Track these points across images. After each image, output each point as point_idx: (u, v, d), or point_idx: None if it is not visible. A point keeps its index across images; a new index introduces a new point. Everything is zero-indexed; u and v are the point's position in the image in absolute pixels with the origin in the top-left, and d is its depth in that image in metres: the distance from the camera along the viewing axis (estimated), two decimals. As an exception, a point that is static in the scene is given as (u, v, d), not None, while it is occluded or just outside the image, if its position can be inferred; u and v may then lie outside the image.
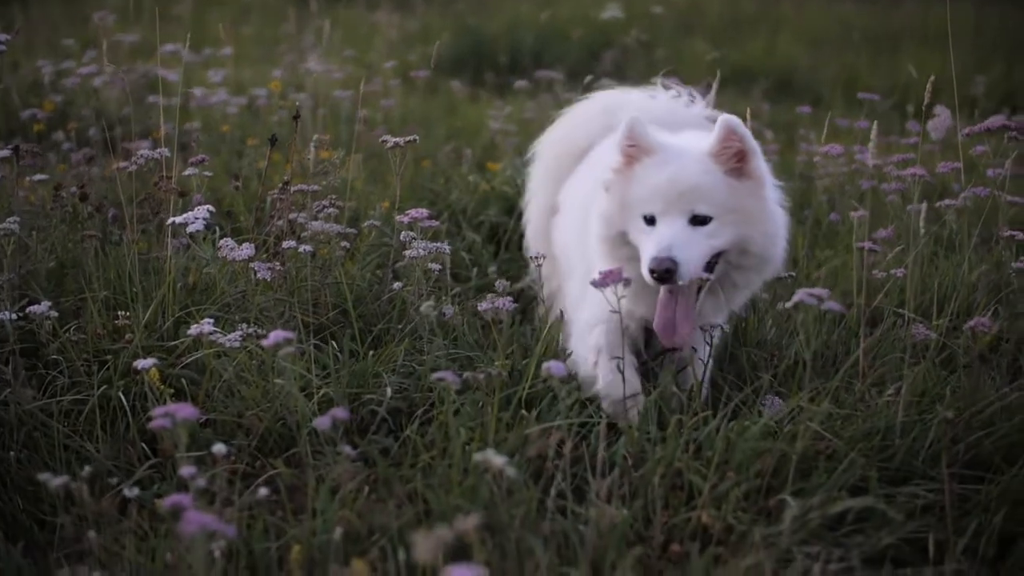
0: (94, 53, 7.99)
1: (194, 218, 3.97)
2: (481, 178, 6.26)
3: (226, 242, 4.06)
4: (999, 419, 3.53)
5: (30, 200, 5.19)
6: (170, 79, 7.04)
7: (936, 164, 5.17)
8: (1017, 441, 3.45)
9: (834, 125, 7.23)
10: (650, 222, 3.55)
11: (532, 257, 4.49)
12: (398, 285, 4.25)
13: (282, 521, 3.05)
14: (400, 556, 2.76)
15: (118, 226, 4.73)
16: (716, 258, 3.58)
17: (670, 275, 3.42)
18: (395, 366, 3.87)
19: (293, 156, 5.00)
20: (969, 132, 3.95)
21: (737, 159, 3.55)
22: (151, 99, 7.16)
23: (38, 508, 3.28)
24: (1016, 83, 10.44)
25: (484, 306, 3.82)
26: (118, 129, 6.12)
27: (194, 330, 3.63)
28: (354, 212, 5.41)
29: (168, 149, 4.50)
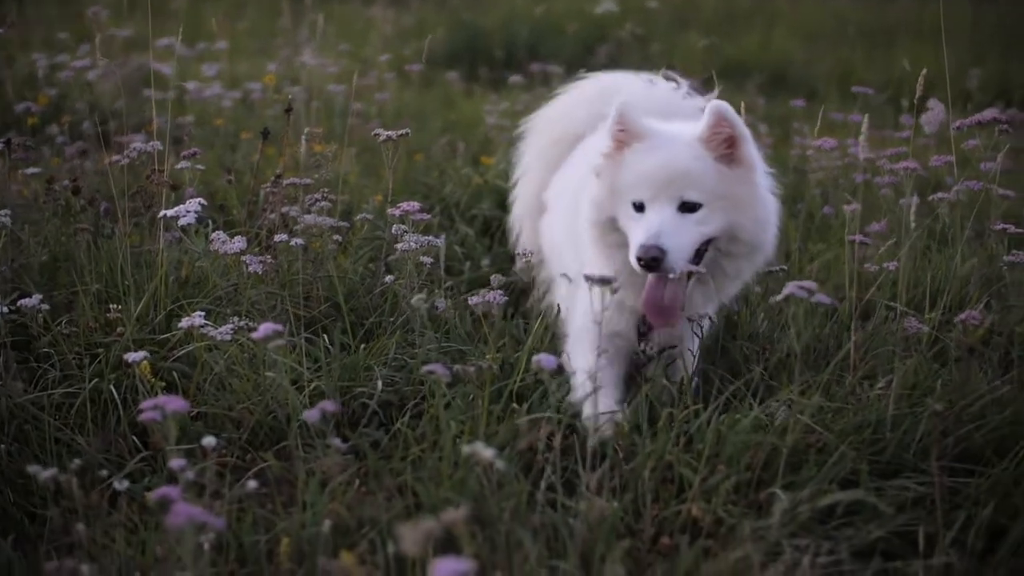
0: (88, 47, 7.98)
1: (186, 211, 3.97)
2: (475, 172, 6.26)
3: (218, 235, 4.06)
4: (990, 412, 3.54)
5: (23, 193, 5.18)
6: (164, 73, 7.04)
7: (930, 158, 5.16)
8: (1008, 434, 3.45)
9: (828, 119, 7.24)
10: (639, 208, 3.52)
11: (519, 253, 4.48)
12: (390, 278, 4.25)
13: (271, 514, 3.05)
14: (389, 549, 2.76)
15: (110, 219, 4.73)
16: (706, 246, 3.55)
17: (657, 263, 3.39)
18: (386, 359, 3.87)
19: (286, 150, 5.00)
20: (960, 125, 3.95)
21: (727, 145, 3.52)
22: (145, 93, 7.14)
23: (28, 501, 3.27)
24: (1011, 77, 10.44)
25: (475, 300, 3.81)
26: (112, 123, 6.10)
27: (185, 323, 3.63)
28: (347, 206, 5.41)
29: (160, 142, 4.50)
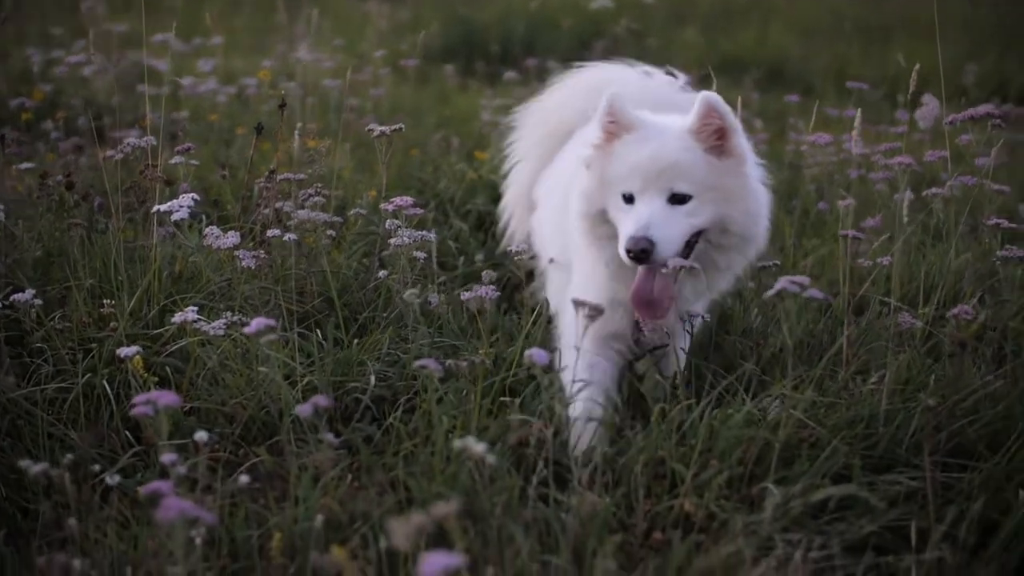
0: (84, 43, 7.98)
1: (179, 206, 3.96)
2: (469, 167, 6.25)
3: (211, 230, 4.05)
4: (983, 407, 3.54)
5: (17, 189, 5.18)
6: (159, 68, 7.04)
7: (924, 153, 5.16)
8: (1000, 429, 3.45)
9: (824, 114, 7.24)
10: (629, 200, 3.49)
11: (510, 249, 4.47)
12: (383, 273, 4.25)
13: (264, 509, 3.05)
14: (381, 543, 2.77)
15: (104, 215, 4.72)
16: (696, 238, 3.51)
17: (646, 255, 3.36)
18: (379, 354, 3.87)
19: (280, 145, 5.00)
20: (953, 120, 3.95)
21: (717, 136, 3.49)
22: (140, 88, 7.15)
23: (21, 496, 3.27)
24: (1007, 73, 10.45)
25: (467, 295, 3.80)
26: (107, 119, 6.10)
27: (178, 318, 3.63)
28: (341, 201, 5.41)
29: (154, 138, 4.49)
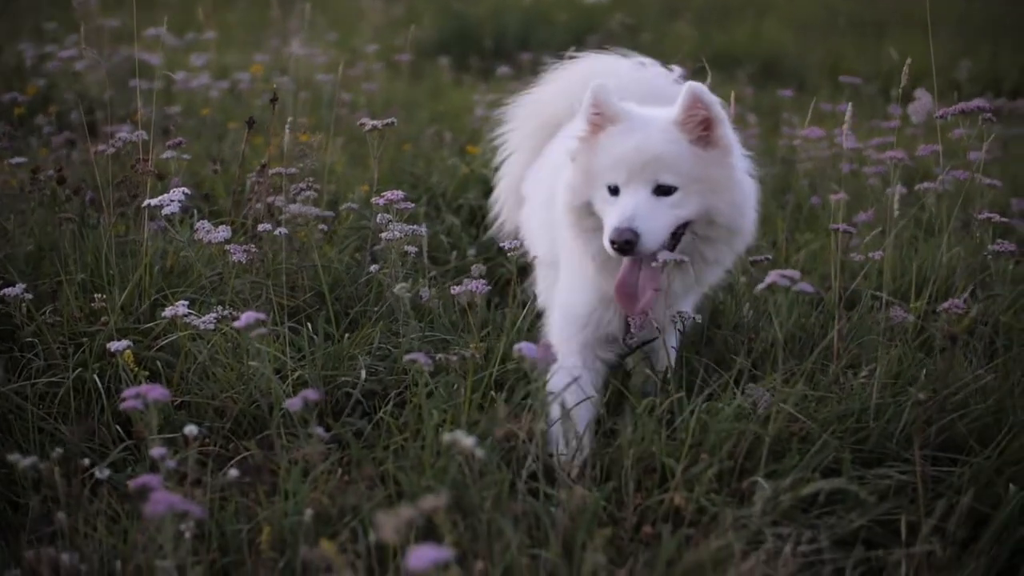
0: (76, 37, 7.96)
1: (169, 200, 3.95)
2: (461, 161, 6.24)
3: (202, 224, 4.04)
4: (973, 401, 3.54)
5: (9, 184, 5.16)
6: (152, 63, 7.03)
7: (917, 148, 5.16)
8: (991, 423, 3.46)
9: (817, 109, 7.23)
10: (614, 192, 3.45)
11: (502, 244, 4.43)
12: (375, 268, 4.24)
13: (254, 503, 3.05)
14: (371, 537, 2.76)
15: (96, 209, 4.72)
16: (683, 229, 3.48)
17: (631, 246, 3.33)
18: (370, 348, 3.86)
19: (272, 139, 5.00)
20: (944, 114, 3.94)
21: (703, 127, 3.44)
22: (133, 83, 7.13)
23: (10, 490, 3.26)
24: (1001, 68, 10.45)
25: (458, 289, 3.78)
26: (100, 113, 6.09)
27: (168, 312, 3.63)
28: (334, 195, 5.40)
29: (146, 132, 4.49)
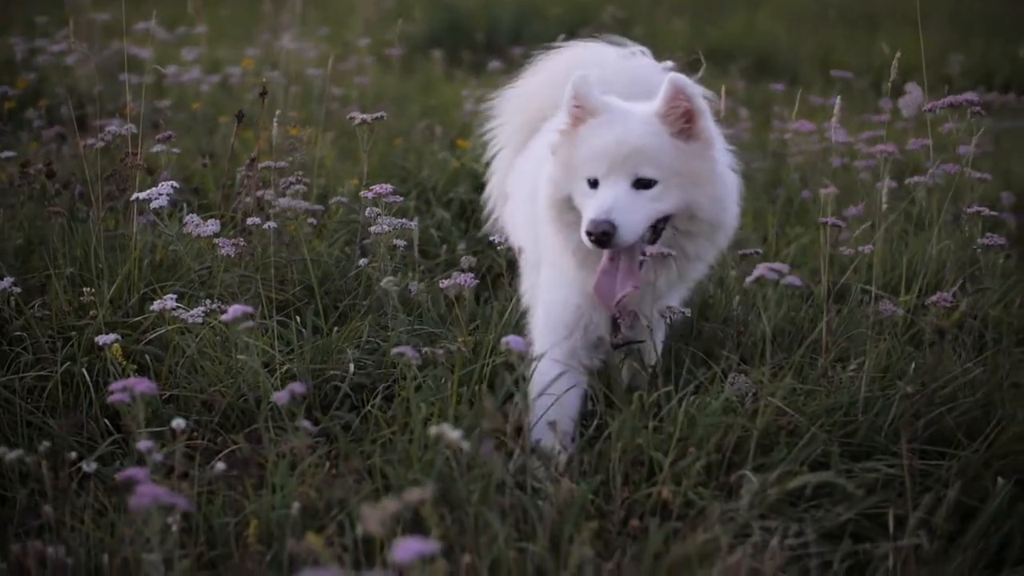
0: (67, 31, 7.94)
1: (158, 194, 3.94)
2: (452, 155, 6.23)
3: (191, 218, 4.03)
4: (962, 395, 3.54)
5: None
6: (143, 57, 7.01)
7: (908, 142, 5.17)
8: (979, 416, 3.46)
9: (809, 103, 7.25)
10: (594, 185, 3.41)
11: (492, 239, 4.42)
12: (364, 261, 4.24)
13: (241, 496, 3.05)
14: (358, 530, 2.76)
15: (85, 203, 4.71)
16: (663, 223, 3.44)
17: (608, 238, 3.28)
18: (359, 342, 3.86)
19: (262, 133, 5.00)
20: (932, 107, 3.94)
21: (685, 119, 3.40)
22: (123, 77, 7.12)
23: (-1, 484, 3.27)
24: (992, 63, 10.46)
25: (446, 283, 3.76)
26: (90, 107, 6.08)
27: (157, 306, 3.62)
28: (324, 189, 5.40)
29: (135, 126, 4.48)
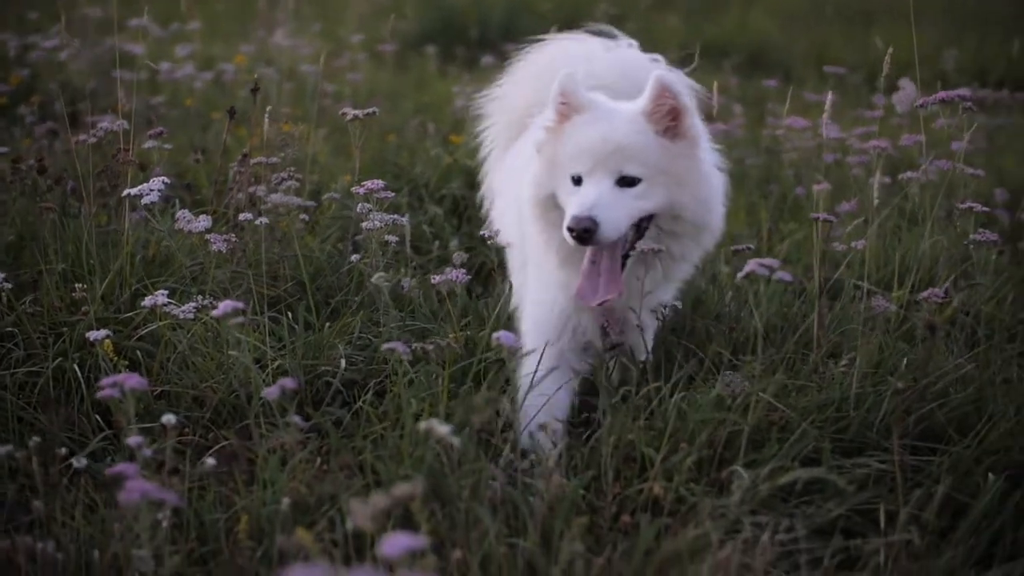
0: (59, 27, 7.93)
1: (149, 190, 3.93)
2: (445, 151, 6.22)
3: (183, 214, 4.02)
4: (954, 390, 3.55)
5: (-9, 174, 5.15)
6: (136, 53, 7.01)
7: (901, 138, 5.17)
8: (971, 412, 3.46)
9: (803, 99, 7.25)
10: (578, 182, 3.39)
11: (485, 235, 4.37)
12: (356, 257, 4.23)
13: (232, 492, 3.04)
14: (348, 526, 2.76)
15: (77, 199, 4.70)
16: (647, 222, 3.42)
17: (589, 235, 3.25)
18: (351, 338, 3.86)
19: (255, 129, 4.99)
20: (924, 103, 3.93)
21: (671, 117, 3.38)
22: (113, 74, 7.11)
23: (-12, 479, 3.26)
24: (987, 59, 10.46)
25: (438, 279, 3.76)
26: (84, 104, 6.08)
27: (148, 301, 3.61)
28: (316, 185, 5.40)
29: (127, 122, 4.47)
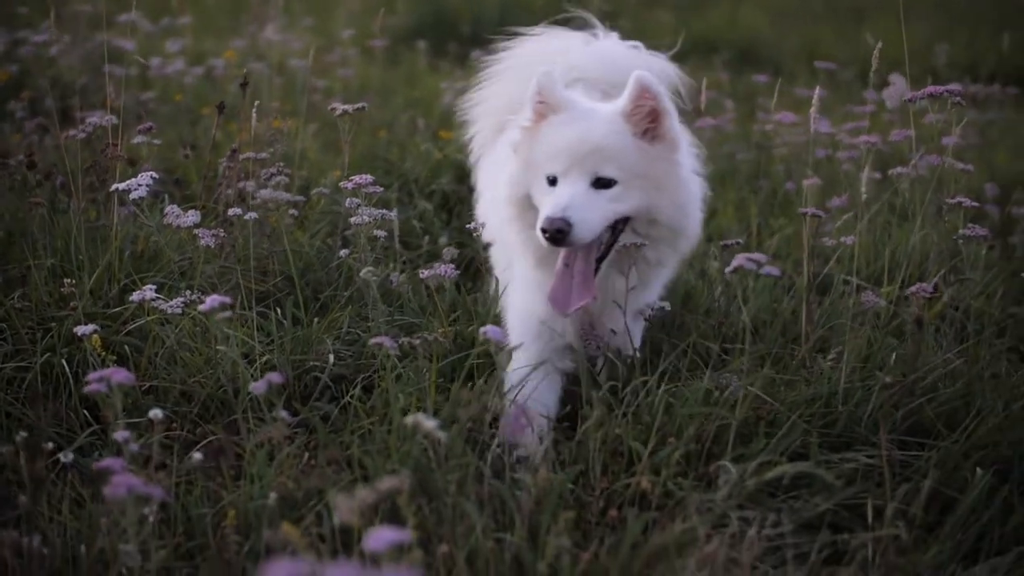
0: (49, 22, 7.91)
1: (137, 184, 3.92)
2: (435, 147, 6.22)
3: (171, 209, 4.01)
4: (943, 385, 3.55)
5: (-21, 169, 5.14)
6: (126, 48, 6.99)
7: (891, 133, 5.17)
8: (959, 407, 3.47)
9: (794, 95, 7.25)
10: (553, 183, 3.36)
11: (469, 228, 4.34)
12: (344, 252, 4.23)
13: (219, 486, 3.04)
14: (335, 520, 2.75)
15: (66, 194, 4.69)
16: (623, 224, 3.39)
17: (562, 236, 3.21)
18: (339, 333, 3.85)
19: (245, 125, 4.98)
20: (912, 98, 3.93)
21: (650, 119, 3.35)
22: (106, 69, 7.09)
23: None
24: (977, 54, 10.46)
25: (426, 273, 3.75)
26: (74, 99, 6.06)
27: (136, 296, 3.61)
28: (306, 180, 5.39)
29: (116, 117, 4.46)
